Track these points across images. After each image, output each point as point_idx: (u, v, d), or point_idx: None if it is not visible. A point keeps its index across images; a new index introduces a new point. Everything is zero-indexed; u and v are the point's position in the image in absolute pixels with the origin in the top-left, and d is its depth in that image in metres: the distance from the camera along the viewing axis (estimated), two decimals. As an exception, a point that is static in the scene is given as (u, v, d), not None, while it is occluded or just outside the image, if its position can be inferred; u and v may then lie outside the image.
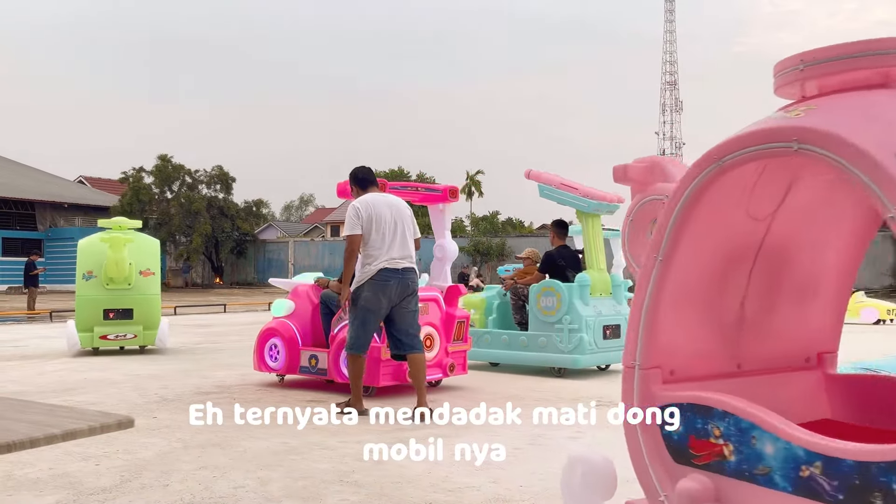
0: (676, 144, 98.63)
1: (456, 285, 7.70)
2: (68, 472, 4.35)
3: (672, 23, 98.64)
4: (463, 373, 7.65)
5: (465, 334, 7.63)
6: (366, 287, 6.03)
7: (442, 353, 7.35)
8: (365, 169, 6.50)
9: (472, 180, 58.62)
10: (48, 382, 7.89)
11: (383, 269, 6.01)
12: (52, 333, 14.33)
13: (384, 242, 6.05)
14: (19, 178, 45.53)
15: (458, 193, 8.14)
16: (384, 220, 6.08)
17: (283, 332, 7.55)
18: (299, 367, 7.50)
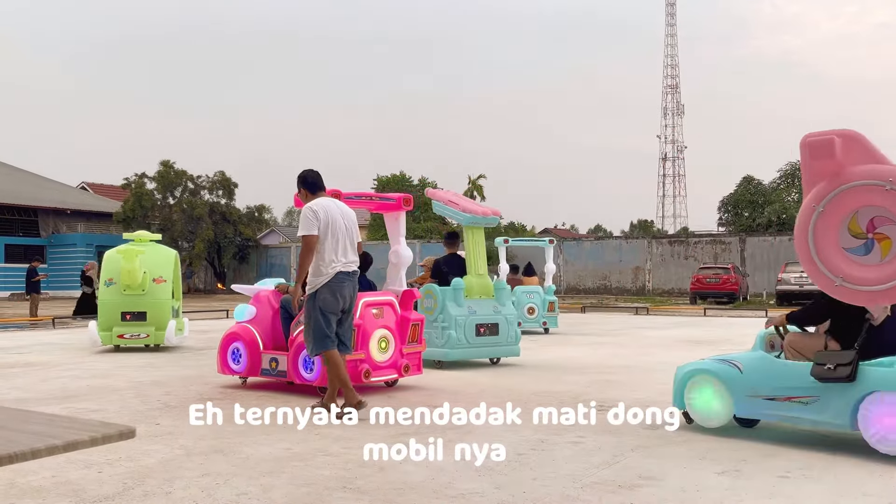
0: (678, 147, 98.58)
1: (411, 290, 8.12)
2: (71, 480, 4.35)
3: (673, 26, 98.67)
4: (418, 373, 7.99)
5: (419, 336, 8.00)
6: (324, 290, 6.25)
7: (397, 355, 7.63)
8: (314, 173, 6.67)
9: (473, 184, 58.55)
10: (51, 389, 7.89)
11: (340, 272, 6.29)
12: (54, 340, 14.33)
13: (338, 246, 6.32)
14: (22, 184, 45.57)
15: (411, 202, 8.51)
16: (338, 224, 6.35)
17: (245, 336, 7.83)
18: (261, 370, 7.76)
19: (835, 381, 4.92)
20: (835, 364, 4.92)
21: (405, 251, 8.27)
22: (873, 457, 4.91)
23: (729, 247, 36.18)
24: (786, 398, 5.24)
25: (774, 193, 48.86)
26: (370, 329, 7.40)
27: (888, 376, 4.75)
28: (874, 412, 4.79)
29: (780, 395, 5.27)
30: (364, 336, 7.32)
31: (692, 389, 5.80)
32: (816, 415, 5.09)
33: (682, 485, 4.27)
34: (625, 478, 4.43)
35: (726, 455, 4.96)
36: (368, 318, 7.44)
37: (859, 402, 4.86)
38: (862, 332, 4.99)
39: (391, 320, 7.67)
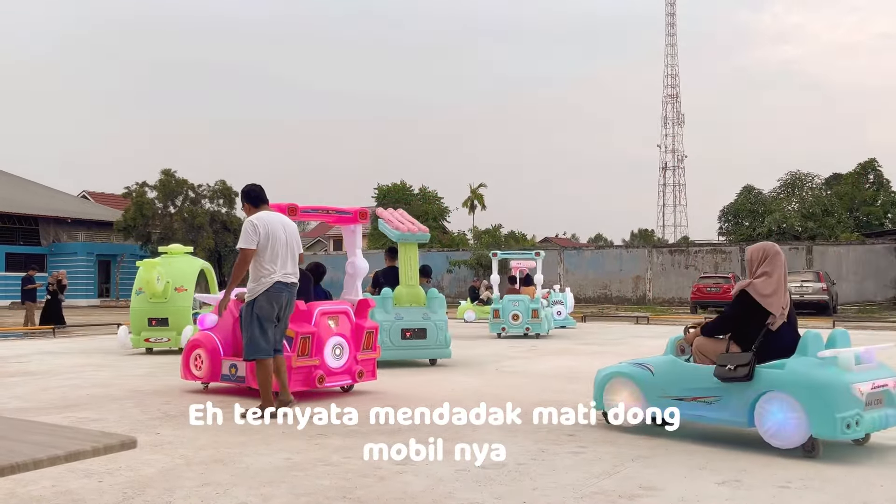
0: (679, 157, 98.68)
1: (366, 299, 8.43)
2: (71, 490, 4.35)
3: (674, 36, 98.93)
4: (372, 378, 8.29)
5: (373, 343, 8.32)
6: (262, 298, 6.59)
7: (351, 361, 8.00)
8: (258, 187, 6.96)
9: (474, 193, 58.62)
10: (51, 399, 7.89)
11: (278, 282, 6.62)
12: (55, 349, 14.33)
13: (278, 258, 6.63)
14: (22, 193, 45.64)
15: (367, 215, 8.86)
16: (279, 237, 6.65)
17: (206, 343, 8.16)
18: (221, 375, 8.04)
19: (734, 381, 5.37)
20: (735, 365, 5.37)
21: (361, 262, 8.64)
22: (874, 467, 4.91)
23: (729, 256, 36.20)
24: (692, 398, 5.68)
25: (775, 203, 48.92)
26: (325, 336, 7.75)
27: (781, 377, 5.24)
28: (768, 409, 5.24)
29: (688, 395, 5.71)
30: (318, 343, 7.67)
31: (610, 391, 6.23)
32: (719, 413, 5.54)
33: (682, 495, 4.27)
34: (625, 488, 4.43)
35: (726, 465, 4.96)
36: (323, 326, 7.80)
37: (756, 401, 5.32)
38: (759, 337, 5.45)
39: (346, 328, 8.03)
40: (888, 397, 5.37)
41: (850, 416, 4.98)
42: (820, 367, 5.18)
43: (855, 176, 50.21)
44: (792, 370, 5.23)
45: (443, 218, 53.84)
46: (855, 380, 5.13)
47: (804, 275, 27.98)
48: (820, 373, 5.14)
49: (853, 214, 48.98)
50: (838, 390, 5.05)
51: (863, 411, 5.10)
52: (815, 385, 5.08)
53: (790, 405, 5.14)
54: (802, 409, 5.08)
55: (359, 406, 7.28)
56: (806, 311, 26.56)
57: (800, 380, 5.15)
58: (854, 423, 5.00)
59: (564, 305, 20.02)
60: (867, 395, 5.14)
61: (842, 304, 30.27)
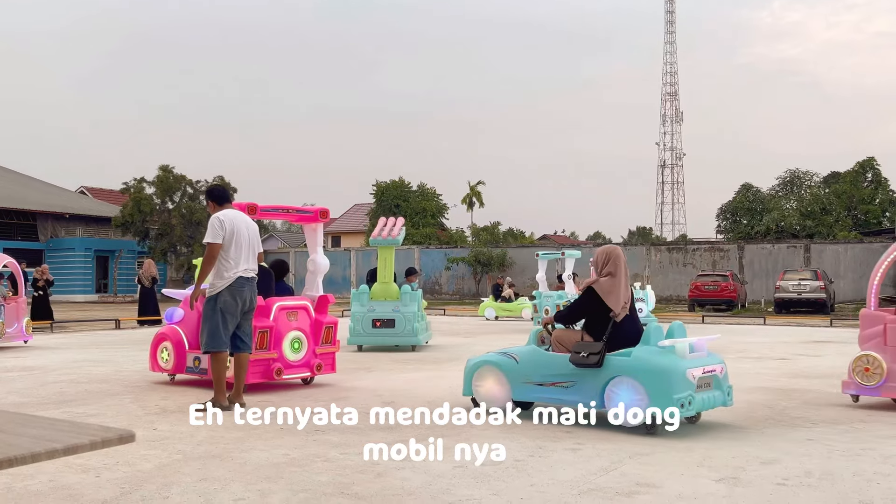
0: (677, 155, 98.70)
1: (326, 295, 8.70)
2: (68, 485, 4.34)
3: (672, 34, 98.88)
4: (331, 372, 8.62)
5: (333, 338, 8.62)
6: (225, 292, 6.87)
7: (310, 355, 8.32)
8: (221, 187, 7.57)
9: (472, 191, 58.60)
10: (48, 394, 7.89)
11: (240, 277, 6.91)
12: (53, 344, 14.32)
13: (240, 254, 6.93)
14: (21, 188, 45.58)
15: (328, 215, 9.11)
16: (241, 234, 6.97)
17: (172, 336, 8.54)
18: (186, 367, 8.41)
19: (587, 367, 6.08)
20: (587, 353, 6.09)
21: (322, 260, 8.96)
22: (871, 466, 4.92)
23: (727, 254, 36.21)
24: (551, 383, 6.37)
25: (773, 201, 48.93)
26: (283, 330, 8.07)
27: (627, 363, 5.95)
28: (616, 393, 5.95)
29: (547, 380, 6.40)
30: (277, 337, 7.97)
31: (478, 378, 6.82)
32: (574, 396, 6.21)
33: (680, 492, 4.28)
34: (622, 485, 4.43)
35: (724, 462, 4.96)
36: (282, 321, 8.11)
37: (606, 384, 6.02)
38: (609, 329, 6.13)
39: (305, 323, 8.36)
40: (716, 381, 6.18)
41: (684, 397, 5.72)
42: (660, 355, 5.94)
43: (853, 175, 50.22)
44: (637, 357, 5.96)
45: (441, 215, 53.81)
46: (689, 366, 5.88)
47: (802, 273, 27.98)
48: (660, 360, 5.89)
49: (851, 213, 49.00)
50: (675, 375, 5.78)
51: (695, 393, 5.85)
52: (656, 370, 5.81)
53: (635, 388, 5.85)
54: (645, 392, 5.80)
55: (358, 404, 7.29)
56: (804, 309, 26.58)
57: (643, 366, 5.87)
58: (688, 403, 5.75)
59: (645, 303, 19.42)
60: (699, 379, 5.93)
61: (839, 302, 30.30)
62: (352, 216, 64.36)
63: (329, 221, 9.18)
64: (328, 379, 8.94)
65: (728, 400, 6.25)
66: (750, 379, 9.19)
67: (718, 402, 6.15)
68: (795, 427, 6.21)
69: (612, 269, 6.32)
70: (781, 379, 9.26)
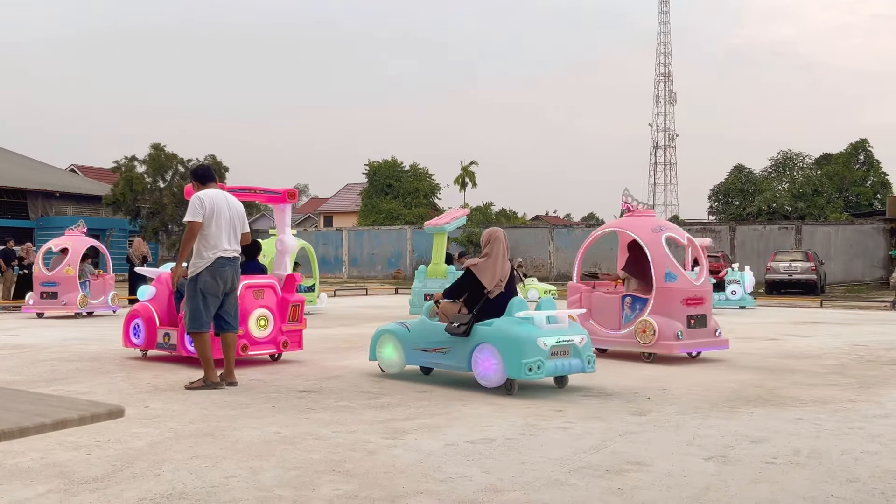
0: (670, 136, 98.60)
1: (293, 274, 8.89)
2: (59, 462, 4.34)
3: (667, 14, 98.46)
4: (298, 349, 8.79)
5: (300, 316, 8.76)
6: (205, 272, 6.87)
7: (276, 332, 8.48)
8: (205, 167, 7.55)
9: (465, 171, 58.45)
10: (39, 372, 7.87)
11: (220, 257, 6.90)
12: (43, 322, 14.29)
13: (221, 233, 6.92)
14: (11, 166, 45.28)
15: (296, 195, 9.23)
16: (223, 214, 6.95)
17: (144, 313, 8.77)
18: (157, 343, 8.62)
19: (458, 336, 6.81)
20: (458, 324, 6.83)
21: (290, 240, 9.09)
22: (859, 444, 4.96)
23: (719, 235, 36.27)
24: (434, 349, 7.13)
25: (765, 182, 48.99)
26: (249, 308, 8.25)
27: (488, 332, 6.66)
28: (479, 357, 6.66)
29: (431, 346, 7.15)
30: (243, 314, 8.00)
31: (380, 345, 7.61)
32: (449, 360, 6.98)
33: (669, 470, 4.30)
34: (612, 463, 4.45)
35: (713, 441, 4.99)
36: (248, 299, 8.28)
37: (472, 351, 6.72)
38: (479, 303, 6.86)
39: (272, 301, 8.50)
40: (574, 350, 6.74)
41: (532, 362, 6.36)
42: (516, 325, 6.60)
43: (845, 156, 50.22)
44: (496, 327, 6.66)
45: (433, 195, 53.72)
46: (540, 335, 6.50)
47: (793, 254, 28.05)
48: (514, 329, 6.56)
49: (843, 195, 49.07)
50: (525, 342, 6.43)
51: (545, 359, 6.46)
52: (509, 338, 6.49)
53: (493, 354, 6.55)
54: (500, 357, 6.49)
55: (350, 382, 7.30)
56: (794, 290, 26.68)
57: (500, 334, 6.57)
58: (536, 368, 6.38)
59: (741, 284, 19.13)
60: (551, 347, 6.52)
61: (830, 283, 30.41)
62: (344, 196, 64.18)
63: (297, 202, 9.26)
64: (321, 357, 8.96)
65: (588, 367, 6.80)
66: (739, 359, 9.24)
67: (576, 368, 6.74)
68: (785, 407, 6.24)
69: (489, 251, 6.99)
70: (771, 359, 9.31)
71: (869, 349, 10.44)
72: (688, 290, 9.03)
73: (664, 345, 8.72)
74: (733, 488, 3.99)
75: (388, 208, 49.27)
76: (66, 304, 15.22)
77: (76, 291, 15.29)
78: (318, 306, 17.05)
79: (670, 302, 8.90)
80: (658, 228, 9.45)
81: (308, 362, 8.60)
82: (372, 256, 40.66)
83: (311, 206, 76.61)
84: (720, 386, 7.23)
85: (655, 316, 8.84)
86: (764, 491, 3.94)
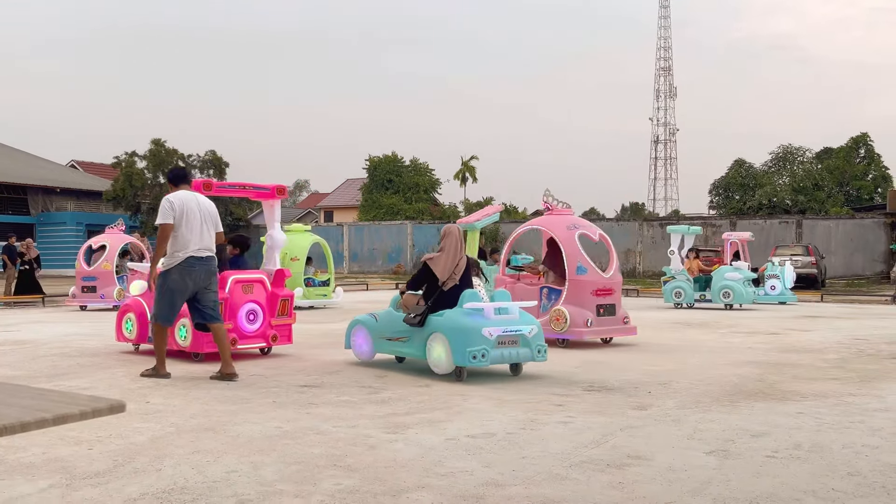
0: (671, 130, 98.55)
1: (282, 269, 9.04)
2: (61, 457, 4.35)
3: (667, 7, 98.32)
4: (288, 343, 8.85)
5: (289, 310, 8.84)
6: (174, 271, 7.03)
7: (265, 326, 8.57)
8: (178, 168, 7.77)
9: (466, 166, 58.37)
10: (40, 368, 7.88)
11: (190, 257, 7.03)
12: (45, 318, 14.30)
13: (192, 234, 7.05)
14: (11, 162, 45.27)
15: (285, 191, 9.35)
16: (193, 215, 7.08)
17: (136, 308, 8.93)
18: (148, 338, 8.59)
19: (414, 326, 7.29)
20: (414, 315, 7.32)
21: (279, 235, 9.20)
22: (860, 438, 4.96)
23: (720, 230, 36.21)
24: (396, 338, 7.60)
25: (765, 177, 48.95)
26: (238, 303, 8.34)
27: (440, 322, 7.12)
28: (432, 346, 7.12)
29: (394, 336, 7.62)
30: (232, 309, 8.24)
31: (353, 334, 8.12)
32: (408, 349, 7.46)
33: (670, 464, 4.30)
34: (613, 457, 4.46)
35: (714, 435, 5.00)
36: (237, 294, 8.37)
37: (426, 339, 7.18)
38: (434, 295, 7.32)
39: (261, 296, 8.59)
40: (524, 340, 7.10)
41: (476, 350, 6.77)
42: (464, 316, 7.01)
43: (846, 150, 50.18)
44: (447, 317, 7.10)
45: (434, 190, 53.66)
46: (486, 325, 6.89)
47: (794, 248, 28.03)
48: (462, 319, 6.97)
49: (844, 189, 49.05)
50: (471, 332, 6.84)
51: (491, 348, 6.84)
52: (457, 328, 6.91)
53: (443, 342, 6.99)
54: (449, 345, 6.92)
55: (351, 378, 7.31)
56: (795, 284, 26.64)
57: (449, 324, 7.00)
58: (480, 356, 6.77)
59: (781, 280, 18.69)
60: (497, 337, 6.89)
61: (830, 277, 30.40)
62: (344, 191, 64.15)
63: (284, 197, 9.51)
64: (321, 352, 8.97)
65: (538, 356, 7.17)
66: (741, 353, 9.25)
67: (524, 357, 7.13)
68: (785, 401, 6.25)
69: (444, 245, 7.49)
70: (772, 353, 9.31)
71: (869, 343, 10.45)
72: (597, 283, 9.95)
73: (576, 331, 9.53)
74: (734, 482, 3.99)
75: (389, 203, 49.21)
76: (104, 297, 16.26)
77: (113, 285, 16.41)
78: (333, 300, 17.07)
79: (581, 293, 9.77)
80: (572, 226, 10.34)
81: (308, 357, 8.61)
82: (372, 251, 40.64)
83: (311, 202, 76.58)
84: (721, 380, 7.23)
85: (568, 305, 9.68)
86: (765, 485, 3.95)
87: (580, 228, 10.42)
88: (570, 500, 3.69)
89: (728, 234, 20.49)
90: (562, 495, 3.76)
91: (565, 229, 10.21)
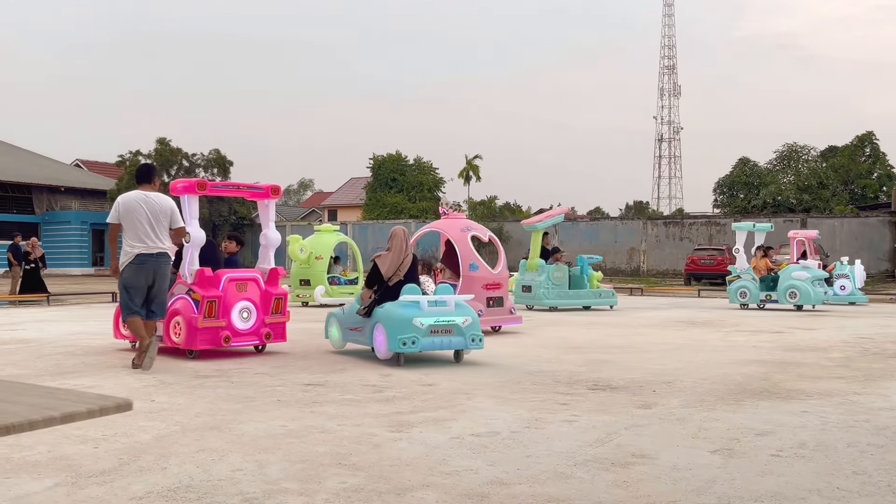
0: (675, 129, 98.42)
1: (276, 268, 9.15)
2: (67, 455, 4.36)
3: (671, 6, 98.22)
4: (281, 340, 8.98)
5: (283, 308, 8.95)
6: (127, 268, 7.46)
7: (259, 324, 8.69)
8: (143, 166, 8.07)
9: (470, 165, 58.34)
10: (46, 366, 7.90)
11: (140, 254, 7.39)
12: (50, 317, 14.33)
13: (138, 232, 7.39)
14: (16, 161, 45.36)
15: (279, 191, 9.37)
16: (138, 213, 7.40)
17: None
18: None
19: (363, 317, 8.16)
20: (363, 307, 8.19)
21: (273, 234, 9.29)
22: (865, 437, 4.96)
23: (724, 228, 36.20)
24: (355, 328, 8.42)
25: (770, 175, 48.85)
26: (232, 301, 8.46)
27: (380, 313, 7.90)
28: (376, 335, 7.89)
29: (354, 326, 8.44)
30: (226, 307, 8.38)
31: (330, 326, 8.94)
32: (362, 338, 8.25)
33: (675, 463, 4.30)
34: (618, 456, 4.46)
35: (719, 434, 4.99)
36: (231, 292, 8.50)
37: (373, 329, 7.93)
38: (380, 290, 8.14)
39: (255, 294, 8.73)
40: (458, 329, 7.76)
41: (407, 338, 7.48)
42: (399, 307, 7.78)
43: (851, 149, 50.07)
44: (385, 309, 7.88)
45: (437, 189, 53.66)
46: (418, 315, 7.59)
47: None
48: (396, 310, 7.73)
49: (848, 187, 48.95)
50: (402, 321, 7.60)
51: (421, 336, 7.53)
52: (392, 318, 7.69)
53: (382, 331, 7.74)
54: (386, 334, 7.66)
55: (355, 376, 7.32)
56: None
57: (386, 314, 7.79)
58: (410, 343, 7.49)
59: (851, 280, 18.26)
60: (429, 326, 7.56)
61: (835, 276, 30.32)
62: (348, 190, 64.18)
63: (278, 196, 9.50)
64: (325, 351, 8.97)
65: (472, 345, 7.81)
66: (745, 352, 9.24)
67: (457, 345, 7.80)
68: (790, 399, 6.24)
69: (390, 246, 8.27)
70: (776, 352, 9.30)
71: (874, 342, 10.43)
72: (487, 278, 11.27)
73: None
74: (739, 481, 3.99)
75: (393, 202, 49.22)
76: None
77: None
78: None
79: (474, 287, 10.90)
80: (465, 228, 11.59)
81: (312, 356, 8.63)
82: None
83: (315, 201, 76.60)
84: (725, 379, 7.23)
85: None
86: (770, 484, 3.95)
87: (472, 230, 11.70)
88: (575, 499, 3.69)
89: (794, 231, 20.02)
90: (566, 494, 3.76)
91: (459, 231, 11.43)
